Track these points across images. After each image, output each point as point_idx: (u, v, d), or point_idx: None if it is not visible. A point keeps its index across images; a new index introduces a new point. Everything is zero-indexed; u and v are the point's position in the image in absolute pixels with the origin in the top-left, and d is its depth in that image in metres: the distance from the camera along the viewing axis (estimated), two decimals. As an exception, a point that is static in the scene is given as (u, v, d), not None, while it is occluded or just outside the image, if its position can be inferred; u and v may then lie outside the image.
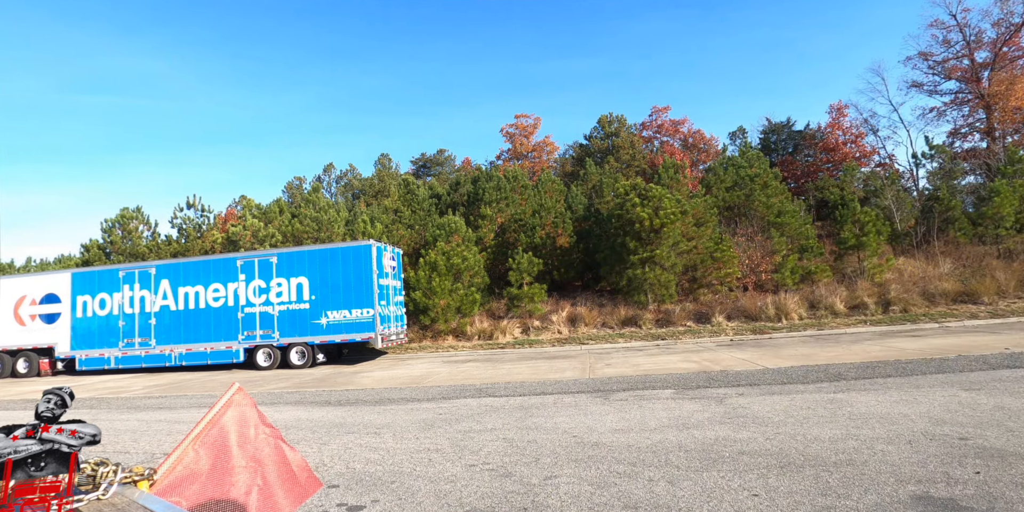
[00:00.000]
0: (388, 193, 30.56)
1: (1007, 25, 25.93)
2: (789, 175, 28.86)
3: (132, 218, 25.05)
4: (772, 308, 15.81)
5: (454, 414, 6.87)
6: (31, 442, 1.29)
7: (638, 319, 16.87)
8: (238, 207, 30.42)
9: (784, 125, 32.32)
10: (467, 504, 3.70)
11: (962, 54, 27.36)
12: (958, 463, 3.84)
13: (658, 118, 35.07)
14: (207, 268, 15.43)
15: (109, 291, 15.93)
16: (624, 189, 18.27)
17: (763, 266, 18.41)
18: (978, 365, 7.65)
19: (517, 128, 38.18)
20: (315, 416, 7.39)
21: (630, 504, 3.53)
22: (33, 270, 27.95)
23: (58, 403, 1.37)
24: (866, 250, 17.54)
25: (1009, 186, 18.09)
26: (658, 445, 4.84)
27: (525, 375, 10.05)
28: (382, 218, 22.42)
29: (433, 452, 5.09)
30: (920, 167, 24.48)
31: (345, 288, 14.31)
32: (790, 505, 3.33)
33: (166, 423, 7.55)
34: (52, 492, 1.29)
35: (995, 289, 14.98)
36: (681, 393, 7.30)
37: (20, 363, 16.28)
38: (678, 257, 17.44)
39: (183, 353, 15.16)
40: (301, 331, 14.50)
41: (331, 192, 36.85)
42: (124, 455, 5.64)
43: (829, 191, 21.19)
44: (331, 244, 15.70)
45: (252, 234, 22.18)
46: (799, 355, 9.96)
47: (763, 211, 19.82)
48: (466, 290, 18.02)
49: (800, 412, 5.70)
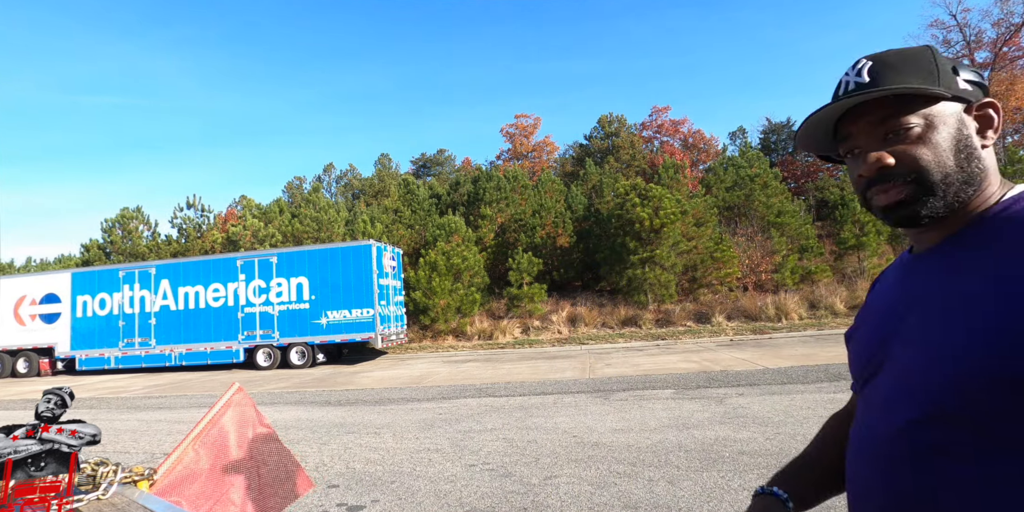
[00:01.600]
0: (388, 193, 30.57)
1: (1007, 25, 25.94)
2: (789, 175, 28.87)
3: (132, 218, 25.05)
4: (772, 308, 15.81)
5: (454, 414, 6.87)
6: (31, 442, 1.29)
7: (638, 319, 16.87)
8: (238, 207, 30.43)
9: (784, 125, 32.34)
10: (467, 504, 3.70)
11: (962, 54, 27.36)
12: (958, 463, 3.84)
13: (658, 118, 35.11)
14: (207, 268, 15.43)
15: (109, 291, 15.92)
16: (624, 189, 18.27)
17: (763, 266, 18.42)
18: (978, 365, 7.64)
19: (517, 128, 38.20)
20: (315, 416, 7.39)
21: (630, 504, 3.53)
22: (33, 270, 27.94)
23: (58, 403, 1.38)
24: (866, 250, 17.54)
25: (1009, 186, 18.09)
26: (658, 445, 4.85)
27: (525, 375, 10.05)
28: (382, 218, 22.43)
29: (433, 452, 5.09)
30: (920, 167, 24.49)
31: (345, 288, 14.31)
32: (790, 505, 3.32)
33: (166, 423, 7.55)
34: (52, 492, 1.29)
35: (995, 289, 14.97)
36: (681, 393, 7.30)
37: (20, 363, 16.27)
38: (678, 257, 17.44)
39: (183, 353, 15.16)
40: (301, 331, 14.49)
41: (331, 192, 36.87)
42: (124, 455, 5.64)
43: (829, 191, 21.19)
44: (331, 244, 15.70)
45: (252, 234, 22.19)
46: (799, 355, 9.96)
47: (763, 211, 19.82)
48: (466, 290, 18.02)
49: (800, 412, 5.70)
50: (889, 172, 0.72)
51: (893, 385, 0.72)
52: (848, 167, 0.79)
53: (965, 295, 0.65)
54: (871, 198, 0.74)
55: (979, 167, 0.71)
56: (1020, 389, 0.58)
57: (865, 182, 0.74)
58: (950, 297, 0.67)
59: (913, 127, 0.71)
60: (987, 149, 0.74)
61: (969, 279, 0.66)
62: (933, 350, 0.67)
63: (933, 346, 0.67)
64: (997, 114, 0.74)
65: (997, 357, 0.59)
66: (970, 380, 0.62)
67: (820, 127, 0.77)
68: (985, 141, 0.73)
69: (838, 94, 0.76)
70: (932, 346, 0.67)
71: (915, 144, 0.71)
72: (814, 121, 0.76)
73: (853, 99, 0.72)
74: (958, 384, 0.63)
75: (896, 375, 0.72)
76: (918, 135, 0.71)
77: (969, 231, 0.71)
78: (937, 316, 0.68)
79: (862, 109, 0.73)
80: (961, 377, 0.62)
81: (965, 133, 0.72)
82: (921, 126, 0.71)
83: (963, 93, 0.71)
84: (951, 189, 0.70)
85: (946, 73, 0.72)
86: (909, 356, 0.71)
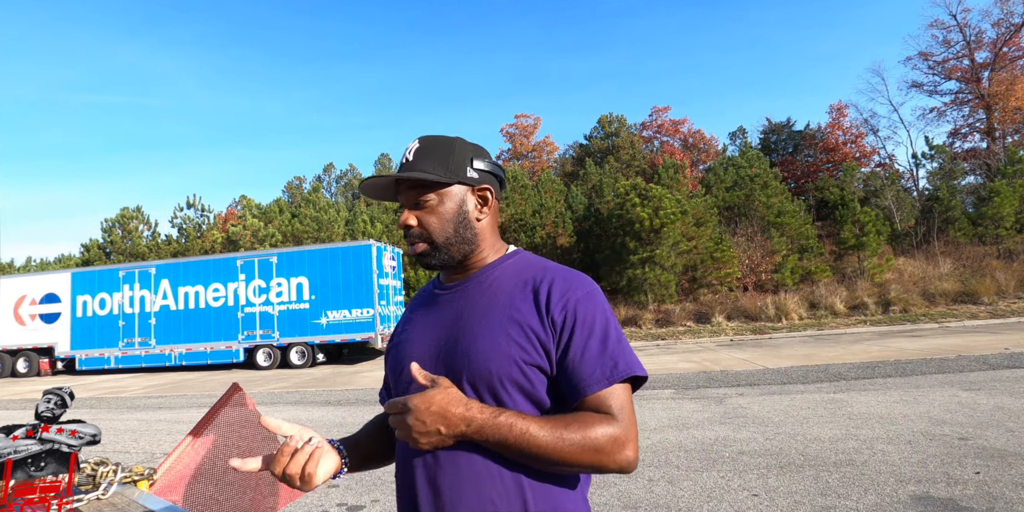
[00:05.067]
0: (388, 193, 30.54)
1: (1007, 25, 25.93)
2: (789, 175, 28.85)
3: (132, 218, 25.05)
4: (772, 308, 15.81)
5: (454, 414, 6.86)
6: (31, 442, 1.29)
7: (638, 319, 16.86)
8: (238, 207, 30.44)
9: (784, 125, 32.32)
10: (467, 504, 3.70)
11: (962, 54, 27.36)
12: (958, 463, 3.84)
13: (658, 118, 35.09)
14: (207, 268, 15.42)
15: (109, 291, 15.92)
16: (624, 189, 18.27)
17: (763, 266, 18.41)
18: (978, 365, 7.65)
19: (517, 128, 38.17)
20: (315, 416, 7.40)
21: (630, 504, 3.53)
22: (33, 270, 27.94)
23: (58, 403, 1.38)
24: (866, 250, 17.54)
25: (1009, 186, 18.08)
26: (658, 445, 4.85)
27: (525, 375, 10.03)
28: (382, 218, 22.43)
29: (433, 452, 5.09)
30: (920, 167, 24.48)
31: (345, 288, 14.31)
32: (790, 505, 3.33)
33: (166, 423, 7.55)
34: (52, 492, 1.29)
35: (995, 289, 14.98)
36: (681, 393, 7.30)
37: (20, 363, 16.26)
38: (678, 257, 17.44)
39: (183, 353, 15.15)
40: (301, 331, 14.49)
41: (331, 192, 36.87)
42: (124, 455, 5.65)
43: (829, 191, 21.17)
44: (331, 244, 15.69)
45: (252, 234, 22.19)
46: (799, 355, 9.96)
47: (763, 211, 19.81)
48: (466, 290, 18.00)
49: (800, 412, 5.70)
50: (411, 232, 0.98)
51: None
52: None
53: (472, 313, 0.95)
54: (409, 246, 1.00)
55: (472, 233, 0.99)
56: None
57: (405, 232, 1.00)
58: (465, 314, 0.96)
59: (430, 201, 0.97)
60: (482, 220, 1.00)
61: (476, 303, 0.96)
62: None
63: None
64: (492, 195, 1.01)
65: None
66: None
67: (382, 185, 1.00)
68: (480, 214, 1.00)
69: (401, 162, 1.00)
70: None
71: (429, 214, 0.97)
72: (378, 182, 0.99)
73: (397, 175, 0.97)
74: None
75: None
76: (432, 207, 0.97)
77: (478, 276, 1.00)
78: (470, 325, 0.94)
79: (404, 181, 0.98)
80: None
81: (464, 208, 0.98)
82: (435, 201, 0.97)
83: (467, 180, 0.98)
84: (452, 247, 0.98)
85: (460, 163, 0.97)
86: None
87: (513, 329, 0.90)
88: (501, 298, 0.94)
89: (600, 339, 0.89)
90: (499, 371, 0.88)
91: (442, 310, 1.00)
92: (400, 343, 1.04)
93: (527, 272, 0.98)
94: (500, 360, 0.88)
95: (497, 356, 0.88)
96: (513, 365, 0.88)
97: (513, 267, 1.00)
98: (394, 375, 1.03)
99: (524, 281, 0.96)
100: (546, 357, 0.89)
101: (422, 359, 0.96)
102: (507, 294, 0.94)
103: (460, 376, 0.90)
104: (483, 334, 0.91)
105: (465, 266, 1.01)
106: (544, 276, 0.95)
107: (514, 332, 0.90)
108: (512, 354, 0.88)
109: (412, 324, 1.04)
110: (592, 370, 0.87)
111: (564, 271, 0.97)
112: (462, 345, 0.92)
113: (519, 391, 0.89)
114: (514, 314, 0.91)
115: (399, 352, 1.02)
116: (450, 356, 0.93)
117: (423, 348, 0.98)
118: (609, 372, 0.87)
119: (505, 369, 0.88)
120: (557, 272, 0.96)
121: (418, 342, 0.99)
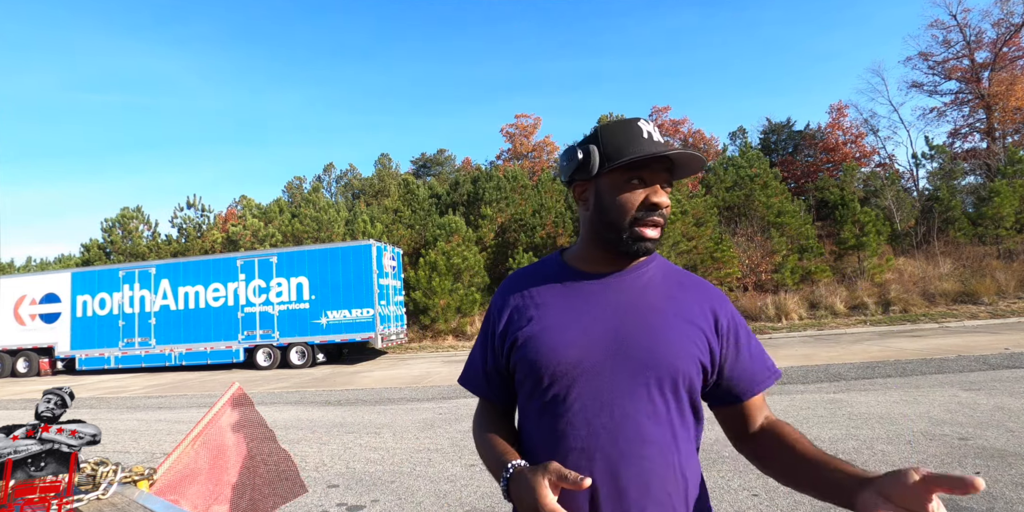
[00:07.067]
0: (388, 193, 30.56)
1: (1007, 25, 25.91)
2: (789, 175, 28.84)
3: (132, 218, 25.04)
4: (772, 308, 15.81)
5: (454, 414, 6.87)
6: (31, 442, 1.29)
7: (638, 319, 16.85)
8: (238, 207, 30.44)
9: (784, 125, 32.31)
10: (467, 504, 3.70)
11: (962, 54, 27.34)
12: (958, 463, 3.84)
13: (658, 118, 35.07)
14: (207, 268, 15.42)
15: (109, 291, 15.92)
16: (624, 189, 18.24)
17: (763, 266, 18.41)
18: (978, 365, 7.65)
19: (517, 128, 38.18)
20: (315, 416, 7.40)
21: (630, 504, 3.52)
22: (33, 270, 27.94)
23: (58, 403, 1.38)
24: (866, 250, 17.53)
25: (1009, 186, 18.08)
26: (658, 445, 4.84)
27: (525, 375, 10.03)
28: (382, 218, 22.43)
29: (433, 452, 5.09)
30: (920, 167, 24.45)
31: (345, 288, 14.30)
32: (790, 505, 3.33)
33: (166, 423, 7.55)
34: (52, 492, 1.29)
35: (995, 289, 14.98)
36: (681, 393, 7.29)
37: (20, 363, 16.26)
38: (678, 257, 17.44)
39: (183, 353, 15.16)
40: (301, 331, 14.49)
41: (331, 192, 36.86)
42: (124, 455, 5.65)
43: (829, 191, 21.16)
44: (331, 244, 15.69)
45: (252, 234, 22.19)
46: (799, 355, 9.95)
47: (763, 211, 19.81)
48: (466, 290, 18.02)
49: (800, 412, 5.70)
50: (662, 212, 0.96)
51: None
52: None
53: (640, 308, 0.95)
54: (641, 225, 0.94)
55: None
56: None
57: (644, 211, 0.94)
58: (632, 309, 0.95)
59: (669, 187, 0.97)
60: None
61: (641, 299, 0.96)
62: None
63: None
64: None
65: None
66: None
67: (654, 157, 0.93)
68: None
69: (653, 139, 0.95)
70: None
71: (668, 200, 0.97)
72: (660, 151, 0.92)
73: (679, 152, 0.92)
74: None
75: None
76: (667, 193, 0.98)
77: (634, 270, 1.00)
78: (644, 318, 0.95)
79: (666, 161, 0.94)
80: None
81: None
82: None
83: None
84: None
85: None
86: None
87: (691, 330, 0.93)
88: (668, 298, 0.96)
89: (756, 343, 1.00)
90: (685, 369, 0.90)
91: (594, 299, 0.97)
92: (544, 329, 0.96)
93: (676, 274, 1.02)
94: (686, 359, 0.91)
95: (684, 355, 0.91)
96: (694, 365, 0.91)
97: (660, 267, 1.02)
98: (539, 360, 0.94)
99: (680, 284, 1.00)
100: (710, 359, 0.94)
101: (585, 348, 0.92)
102: (669, 294, 0.97)
103: (645, 372, 0.90)
104: (666, 332, 0.92)
105: (629, 257, 0.99)
106: (700, 283, 1.01)
107: (692, 333, 0.93)
108: (695, 354, 0.91)
109: (548, 310, 0.98)
110: (760, 369, 0.97)
111: (703, 279, 1.03)
112: (644, 341, 0.91)
113: (690, 390, 0.92)
114: (688, 315, 0.94)
115: (546, 338, 0.95)
116: (631, 349, 0.91)
117: (580, 337, 0.93)
118: (770, 371, 0.99)
119: (688, 368, 0.91)
120: (703, 279, 1.03)
121: (571, 330, 0.94)
